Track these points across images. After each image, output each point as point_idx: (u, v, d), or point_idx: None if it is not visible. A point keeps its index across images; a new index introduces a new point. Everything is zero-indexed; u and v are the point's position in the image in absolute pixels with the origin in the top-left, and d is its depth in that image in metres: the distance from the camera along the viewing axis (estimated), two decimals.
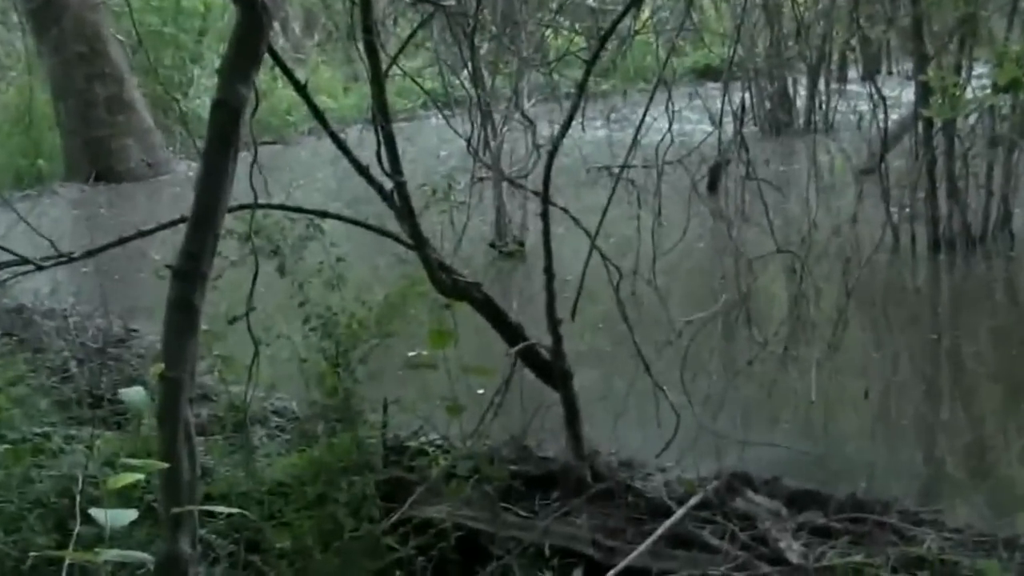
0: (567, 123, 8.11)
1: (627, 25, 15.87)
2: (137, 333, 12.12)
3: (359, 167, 7.44)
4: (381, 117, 7.26)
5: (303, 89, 7.44)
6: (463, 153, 16.12)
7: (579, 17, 22.13)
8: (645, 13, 19.03)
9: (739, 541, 6.97)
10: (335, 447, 7.34)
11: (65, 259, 7.62)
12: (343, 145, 7.62)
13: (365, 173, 7.42)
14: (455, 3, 12.45)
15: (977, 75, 14.79)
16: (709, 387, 10.42)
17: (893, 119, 16.00)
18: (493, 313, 7.98)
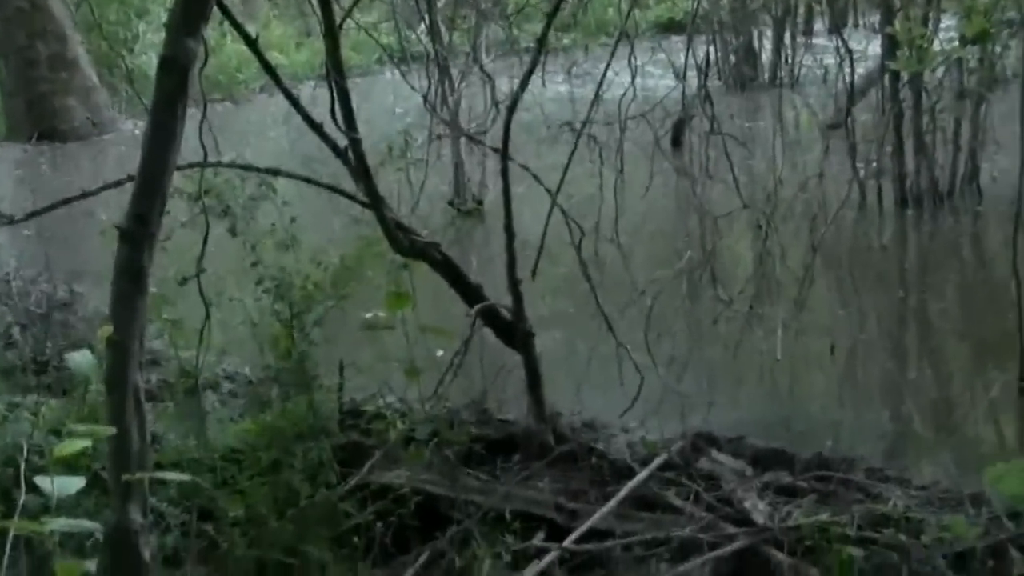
0: (526, 78, 7.98)
1: None
2: (83, 297, 11.88)
3: (312, 123, 7.27)
4: (335, 73, 7.08)
5: (254, 44, 7.27)
6: (420, 110, 15.98)
7: None
8: None
9: (704, 502, 6.89)
10: (290, 412, 7.19)
11: (7, 221, 7.45)
12: (296, 101, 7.45)
13: (319, 130, 7.25)
14: None
15: (944, 27, 14.62)
16: (673, 347, 10.29)
17: (860, 73, 15.92)
18: (452, 273, 7.83)
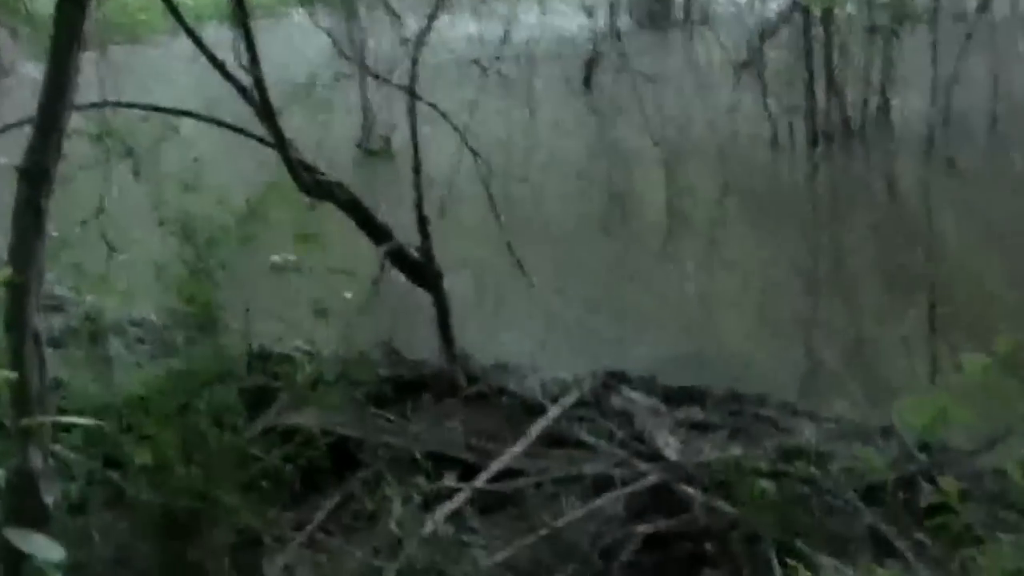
0: (432, 16, 7.91)
1: None
2: None
3: (216, 63, 7.18)
4: (239, 12, 7.00)
5: None
6: (327, 50, 15.80)
7: None
8: None
9: (616, 439, 6.87)
10: (196, 356, 7.08)
11: None
12: (199, 41, 7.35)
13: (222, 69, 7.15)
14: None
15: None
16: (585, 286, 10.26)
17: (771, 10, 15.89)
18: (359, 213, 7.75)
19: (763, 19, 14.47)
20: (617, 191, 11.55)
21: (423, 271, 7.63)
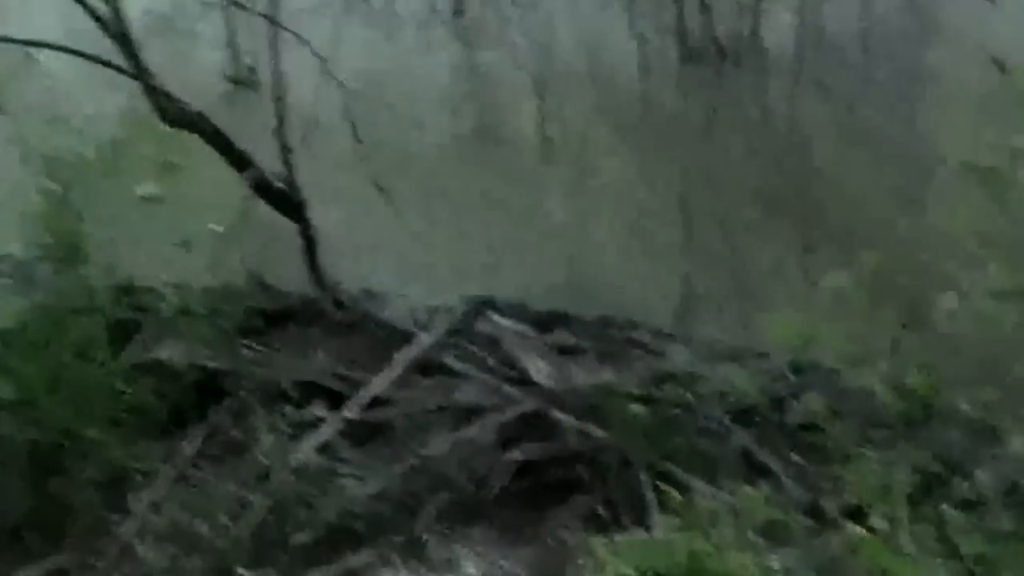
0: None
1: None
2: None
3: None
4: None
5: None
6: None
7: None
8: None
9: (487, 366, 6.86)
10: (60, 290, 6.96)
11: None
12: None
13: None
14: None
15: None
16: (455, 214, 10.18)
17: None
18: (222, 143, 7.65)
19: None
20: (486, 118, 11.45)
21: (287, 200, 7.55)
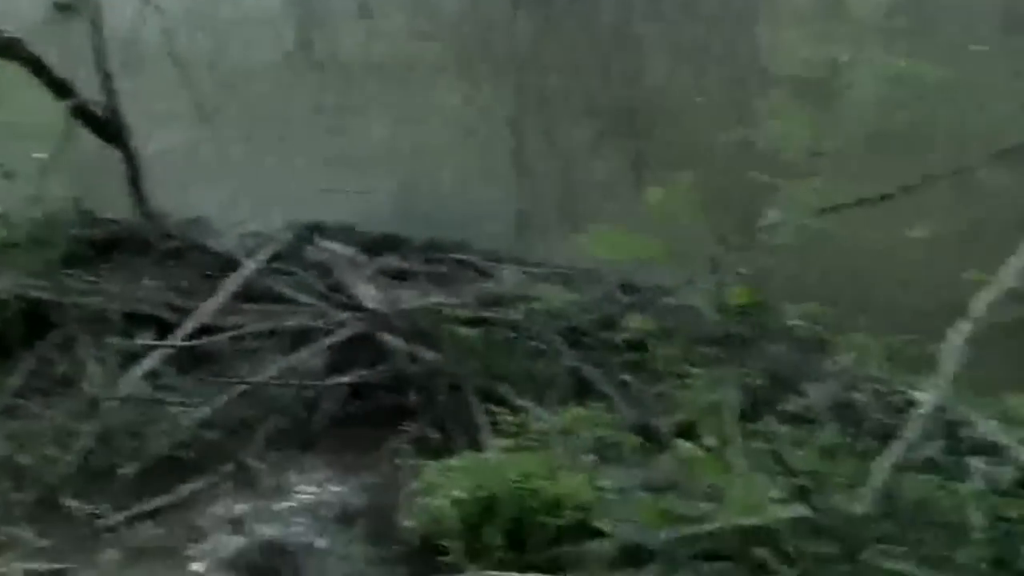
0: None
1: None
2: None
3: None
4: None
5: None
6: None
7: None
8: None
9: (315, 291, 6.82)
10: None
11: None
12: None
13: None
14: None
15: None
16: (283, 138, 10.07)
17: None
18: (40, 69, 7.47)
19: None
20: (312, 41, 11.33)
21: (108, 127, 7.42)
